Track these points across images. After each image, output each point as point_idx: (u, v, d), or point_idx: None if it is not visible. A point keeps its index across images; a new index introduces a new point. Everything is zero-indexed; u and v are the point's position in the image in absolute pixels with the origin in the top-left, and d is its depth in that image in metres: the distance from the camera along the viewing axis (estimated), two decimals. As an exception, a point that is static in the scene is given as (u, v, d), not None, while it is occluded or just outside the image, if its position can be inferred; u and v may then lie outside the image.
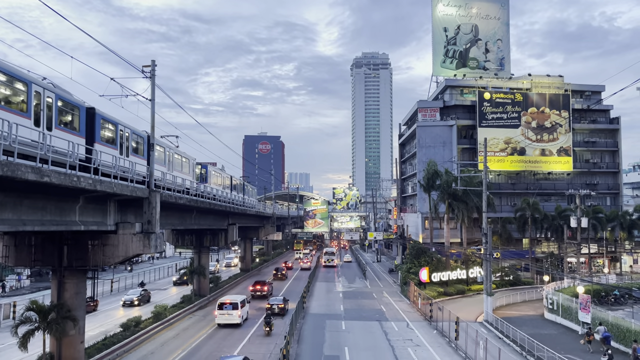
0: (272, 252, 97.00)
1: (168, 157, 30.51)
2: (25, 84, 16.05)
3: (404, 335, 32.10)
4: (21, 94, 15.91)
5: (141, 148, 25.77)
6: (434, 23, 72.93)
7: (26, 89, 16.05)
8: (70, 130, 18.60)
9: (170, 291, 52.37)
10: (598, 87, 71.47)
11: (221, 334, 32.39)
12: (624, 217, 58.98)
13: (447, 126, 66.15)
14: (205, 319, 37.44)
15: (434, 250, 53.63)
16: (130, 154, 24.18)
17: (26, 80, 16.11)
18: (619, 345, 28.74)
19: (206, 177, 39.80)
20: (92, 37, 19.13)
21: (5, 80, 15.21)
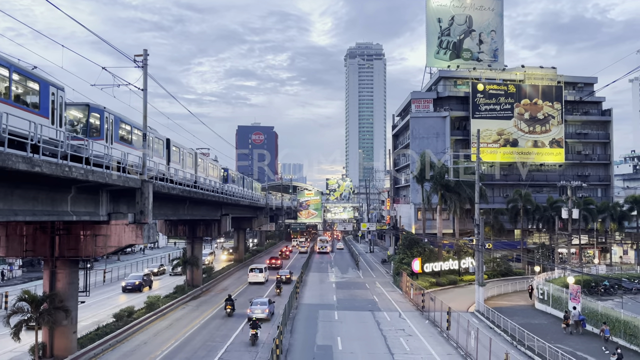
0: (266, 243, 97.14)
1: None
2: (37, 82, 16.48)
3: (396, 325, 32.35)
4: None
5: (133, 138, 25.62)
6: (428, 14, 72.74)
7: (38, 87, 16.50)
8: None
9: (163, 281, 52.34)
10: (590, 78, 71.74)
11: (215, 323, 32.49)
12: (614, 208, 59.54)
13: (441, 117, 66.24)
14: (199, 309, 37.52)
15: (427, 241, 53.93)
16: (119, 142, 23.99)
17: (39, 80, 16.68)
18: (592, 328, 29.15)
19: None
20: (83, 26, 18.93)
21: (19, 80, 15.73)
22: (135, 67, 24.79)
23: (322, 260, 74.89)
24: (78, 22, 18.21)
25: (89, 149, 19.26)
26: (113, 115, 23.19)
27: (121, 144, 23.93)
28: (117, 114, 23.73)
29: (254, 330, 27.45)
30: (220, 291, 46.03)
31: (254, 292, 44.84)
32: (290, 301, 34.61)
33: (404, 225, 71.77)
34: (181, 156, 34.68)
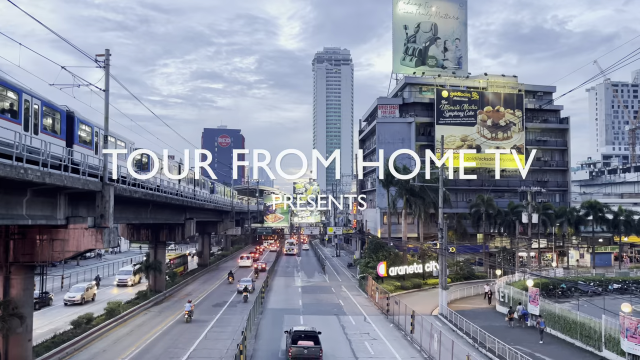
0: (231, 247, 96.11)
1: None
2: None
3: (361, 329, 32.50)
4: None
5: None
6: (395, 21, 73.76)
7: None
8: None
9: (125, 288, 51.08)
10: (549, 87, 74.16)
11: (178, 329, 31.89)
12: (571, 213, 61.56)
13: (406, 123, 67.16)
14: (161, 314, 36.77)
15: (392, 245, 54.49)
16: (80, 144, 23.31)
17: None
18: (556, 332, 30.07)
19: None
20: (42, 24, 18.36)
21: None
22: (97, 67, 24.19)
23: (289, 265, 74.68)
24: (36, 20, 17.65)
25: (47, 150, 18.63)
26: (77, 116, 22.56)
27: (81, 145, 23.26)
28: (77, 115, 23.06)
29: (245, 293, 43.04)
30: (184, 296, 45.21)
31: (220, 296, 44.42)
32: (255, 306, 34.32)
33: (370, 230, 72.31)
34: (143, 159, 33.84)
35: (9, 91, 17.20)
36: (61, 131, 21.20)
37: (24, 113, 17.91)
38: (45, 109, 19.77)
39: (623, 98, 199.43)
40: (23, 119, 17.84)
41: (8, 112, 17.05)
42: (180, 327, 32.74)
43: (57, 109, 20.93)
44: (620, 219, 62.22)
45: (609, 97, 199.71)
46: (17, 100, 17.54)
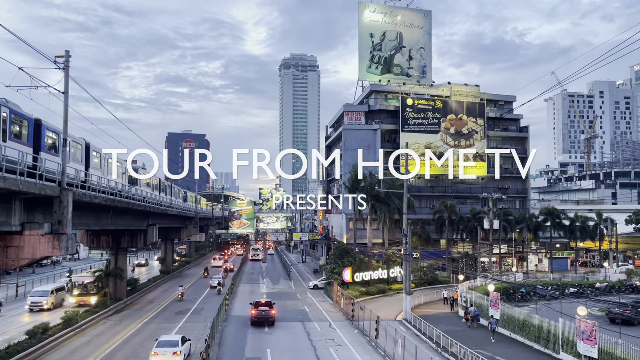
0: (195, 254, 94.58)
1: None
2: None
3: (326, 335, 32.46)
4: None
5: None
6: (361, 29, 74.60)
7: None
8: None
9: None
10: (510, 97, 76.37)
11: (138, 339, 31.07)
12: (531, 219, 63.37)
13: (372, 130, 67.84)
14: (122, 323, 35.77)
15: (358, 251, 54.78)
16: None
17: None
18: (516, 336, 30.83)
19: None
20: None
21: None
22: (57, 68, 23.53)
23: (254, 271, 74.04)
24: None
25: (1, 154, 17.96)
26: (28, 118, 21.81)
27: (48, 152, 22.65)
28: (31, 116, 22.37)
29: (219, 287, 51.19)
30: (145, 304, 44.22)
31: (181, 306, 43.62)
32: (219, 313, 33.83)
33: (336, 236, 72.54)
34: (103, 162, 32.87)
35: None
36: (29, 138, 21.04)
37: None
38: (13, 116, 19.84)
39: (579, 108, 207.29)
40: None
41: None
42: (141, 335, 31.92)
43: (24, 117, 20.99)
44: (576, 225, 64.48)
45: (566, 107, 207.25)
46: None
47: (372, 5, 75.03)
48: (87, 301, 41.18)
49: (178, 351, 24.22)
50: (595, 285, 50.45)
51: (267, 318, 35.03)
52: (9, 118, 19.74)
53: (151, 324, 35.23)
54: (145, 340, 30.45)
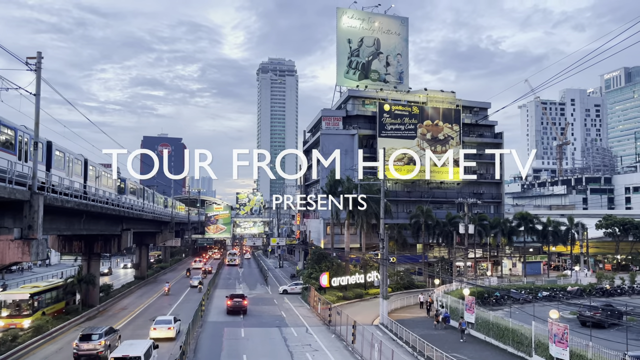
0: (170, 259, 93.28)
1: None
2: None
3: (303, 340, 32.34)
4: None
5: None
6: (339, 34, 74.97)
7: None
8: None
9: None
10: (485, 104, 77.64)
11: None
12: (505, 224, 64.44)
13: (349, 135, 68.13)
14: (94, 331, 34.96)
15: (335, 256, 54.82)
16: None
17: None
18: (490, 339, 31.25)
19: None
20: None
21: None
22: (28, 70, 23.00)
23: (230, 276, 73.40)
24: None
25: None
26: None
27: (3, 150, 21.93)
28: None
29: (200, 286, 56.46)
30: (118, 311, 43.39)
31: (158, 310, 42.96)
32: (194, 319, 33.40)
33: (314, 240, 72.48)
34: (68, 163, 31.59)
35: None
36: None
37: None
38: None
39: (551, 115, 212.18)
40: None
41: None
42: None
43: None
44: (548, 230, 65.84)
45: (539, 114, 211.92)
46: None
47: (349, 11, 75.52)
48: (19, 324, 31.89)
49: (171, 327, 31.71)
50: (567, 288, 51.53)
51: (241, 307, 41.63)
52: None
53: (124, 331, 34.55)
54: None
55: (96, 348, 25.91)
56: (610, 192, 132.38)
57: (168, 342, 30.40)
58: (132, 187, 51.03)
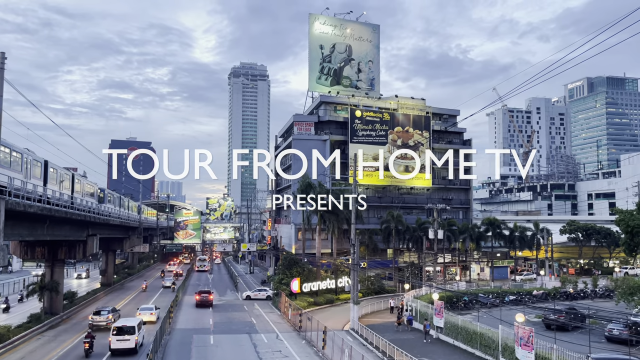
0: (138, 265, 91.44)
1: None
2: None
3: (273, 346, 32.10)
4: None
5: None
6: (311, 40, 75.23)
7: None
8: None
9: (15, 309, 46.70)
10: (454, 111, 79.03)
11: (74, 355, 29.56)
12: (473, 229, 65.57)
13: (321, 140, 68.30)
14: (57, 339, 33.95)
15: (306, 261, 54.69)
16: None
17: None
18: (459, 343, 31.69)
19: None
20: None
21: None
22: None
23: (200, 282, 72.35)
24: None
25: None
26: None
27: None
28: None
29: (173, 286, 60.76)
30: (83, 319, 42.17)
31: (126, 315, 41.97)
32: (162, 326, 32.76)
33: (285, 246, 72.20)
34: (26, 165, 30.25)
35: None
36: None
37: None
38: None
39: (518, 123, 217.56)
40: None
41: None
42: (78, 351, 30.38)
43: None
44: (515, 235, 67.32)
45: (506, 121, 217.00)
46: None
47: (322, 17, 75.90)
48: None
49: (153, 312, 39.99)
50: (532, 292, 52.69)
51: (207, 301, 48.00)
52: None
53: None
54: (83, 358, 29.02)
55: (105, 320, 36.17)
56: (573, 198, 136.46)
57: (151, 324, 37.38)
58: (89, 187, 49.55)
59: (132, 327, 29.53)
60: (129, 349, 28.93)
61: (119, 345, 28.79)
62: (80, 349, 30.27)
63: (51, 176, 34.09)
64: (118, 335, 28.88)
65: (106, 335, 30.68)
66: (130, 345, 28.93)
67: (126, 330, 29.17)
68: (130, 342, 28.94)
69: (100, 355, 29.28)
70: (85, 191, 44.00)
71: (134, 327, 29.58)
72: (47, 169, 33.42)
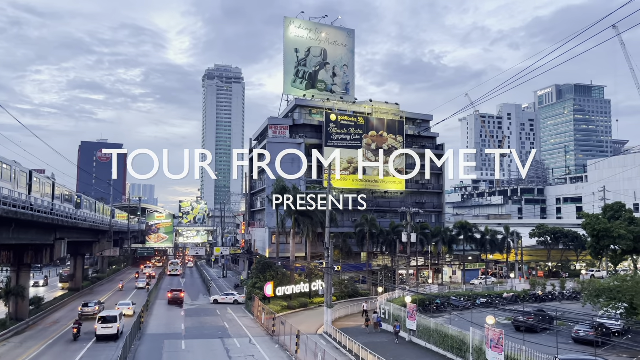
0: (108, 270, 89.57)
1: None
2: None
3: (246, 351, 31.85)
4: None
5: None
6: (286, 43, 75.21)
7: None
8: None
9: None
10: (427, 116, 80.00)
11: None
12: (445, 233, 66.40)
13: (296, 144, 68.21)
14: (23, 345, 32.97)
15: (280, 265, 54.49)
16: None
17: None
18: (431, 346, 32.03)
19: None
20: None
21: None
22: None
23: (172, 286, 71.14)
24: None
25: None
26: None
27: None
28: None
29: (148, 287, 63.79)
30: (51, 324, 41.14)
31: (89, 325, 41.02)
32: (132, 332, 32.17)
33: (259, 249, 71.76)
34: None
35: None
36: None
37: None
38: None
39: (490, 128, 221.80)
40: None
41: None
42: (45, 358, 29.58)
43: None
44: (486, 239, 68.42)
45: (478, 127, 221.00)
46: None
47: (297, 21, 76.00)
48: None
49: (130, 307, 44.84)
50: (503, 295, 53.62)
51: (178, 299, 52.53)
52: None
53: (55, 346, 32.79)
54: (72, 341, 28.31)
55: (93, 311, 42.24)
56: (543, 202, 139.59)
57: (128, 318, 41.36)
58: (67, 193, 48.77)
59: (114, 316, 35.41)
60: (112, 335, 34.29)
61: (103, 331, 34.21)
62: (48, 356, 29.46)
63: (9, 177, 32.77)
64: (103, 323, 34.38)
65: (93, 324, 35.81)
66: (113, 332, 34.35)
67: (109, 320, 34.76)
68: (113, 329, 34.33)
69: (87, 340, 34.33)
70: (62, 195, 45.61)
71: (116, 316, 35.48)
72: (14, 172, 32.49)
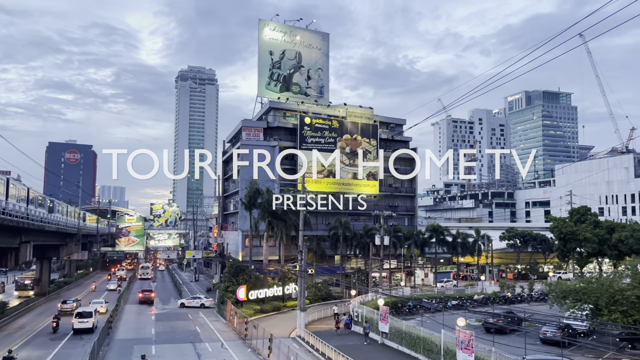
0: (76, 274, 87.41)
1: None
2: None
3: (217, 356, 31.49)
4: None
5: None
6: (261, 45, 74.95)
7: None
8: None
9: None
10: (401, 120, 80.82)
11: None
12: (418, 236, 67.13)
13: (270, 146, 67.91)
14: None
15: (253, 268, 54.14)
16: None
17: None
18: (403, 348, 32.28)
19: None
20: None
21: None
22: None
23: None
24: None
25: None
26: None
27: None
28: None
29: (119, 288, 65.45)
30: (16, 330, 39.86)
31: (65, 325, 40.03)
32: (99, 337, 31.42)
33: (232, 253, 71.16)
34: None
35: None
36: None
37: None
38: None
39: (461, 133, 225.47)
40: None
41: None
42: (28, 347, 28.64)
43: None
44: (458, 241, 69.44)
45: (450, 131, 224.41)
46: None
47: (271, 24, 75.82)
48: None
49: (103, 305, 47.96)
50: (473, 297, 54.44)
51: (148, 298, 55.43)
52: None
53: (21, 352, 31.77)
54: (51, 334, 27.44)
55: (70, 307, 46.00)
56: (512, 206, 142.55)
57: (101, 315, 44.04)
58: (40, 198, 47.75)
59: (90, 312, 39.01)
60: (87, 328, 37.74)
61: (80, 325, 37.61)
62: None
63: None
64: (79, 318, 37.83)
65: (70, 319, 39.01)
66: (89, 326, 37.83)
67: (85, 315, 38.20)
68: (88, 324, 37.84)
69: (65, 334, 37.18)
70: (35, 199, 46.46)
71: (92, 312, 39.14)
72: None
